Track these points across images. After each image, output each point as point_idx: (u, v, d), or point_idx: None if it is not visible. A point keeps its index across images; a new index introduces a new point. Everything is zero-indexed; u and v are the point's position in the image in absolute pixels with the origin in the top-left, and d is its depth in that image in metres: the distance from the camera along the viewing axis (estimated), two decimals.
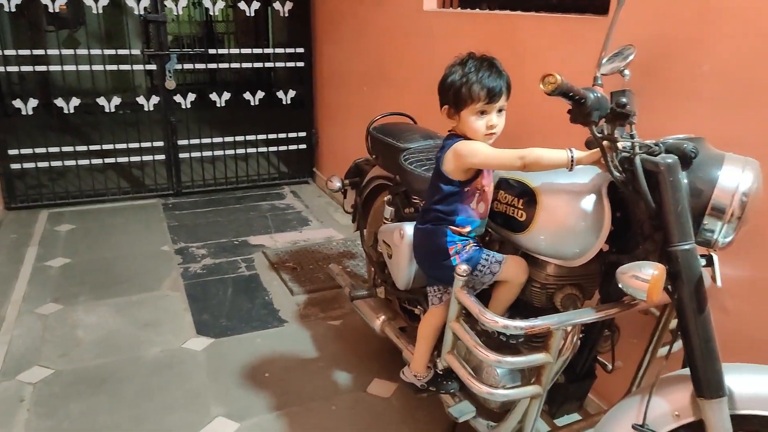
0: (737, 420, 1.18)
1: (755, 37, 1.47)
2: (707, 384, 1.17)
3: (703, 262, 1.21)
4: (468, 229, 1.55)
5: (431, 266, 1.66)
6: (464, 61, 1.48)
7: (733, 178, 1.20)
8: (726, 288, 1.52)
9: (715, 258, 1.25)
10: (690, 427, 1.22)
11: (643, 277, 1.14)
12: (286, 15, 4.51)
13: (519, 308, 1.59)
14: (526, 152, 1.37)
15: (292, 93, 4.66)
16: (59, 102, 4.05)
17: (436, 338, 1.76)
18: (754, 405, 1.17)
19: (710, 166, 1.22)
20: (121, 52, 4.14)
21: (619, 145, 1.23)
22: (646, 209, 1.23)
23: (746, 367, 1.23)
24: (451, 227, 1.55)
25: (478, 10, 2.67)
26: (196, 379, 2.34)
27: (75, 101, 4.08)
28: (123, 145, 4.29)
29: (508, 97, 1.47)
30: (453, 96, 1.46)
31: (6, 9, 3.80)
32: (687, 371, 1.22)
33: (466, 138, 1.48)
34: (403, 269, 1.89)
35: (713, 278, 1.26)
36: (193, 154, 4.50)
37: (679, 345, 1.40)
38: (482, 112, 1.45)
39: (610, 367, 1.69)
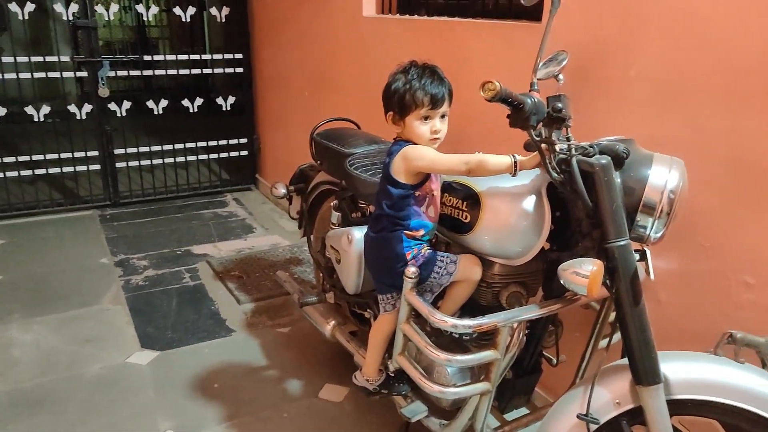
0: (673, 405, 1.25)
1: (677, 42, 1.57)
2: (644, 372, 1.24)
3: (637, 256, 1.27)
4: (422, 232, 1.57)
5: (387, 274, 1.64)
6: (407, 68, 1.51)
7: (661, 177, 1.27)
8: (659, 280, 1.62)
9: (648, 252, 1.33)
10: (630, 414, 1.29)
11: (583, 273, 1.19)
12: (223, 20, 4.45)
13: (466, 307, 1.63)
14: (471, 158, 1.41)
15: (231, 99, 4.60)
16: None
17: (387, 343, 1.78)
18: (687, 390, 1.24)
19: (641, 166, 1.29)
20: (49, 59, 3.98)
21: (557, 147, 1.29)
22: (584, 208, 1.29)
23: (679, 354, 1.31)
24: (406, 232, 1.56)
25: (416, 16, 2.72)
26: (143, 394, 2.27)
27: (1, 110, 3.89)
28: (54, 156, 4.11)
29: (450, 103, 1.51)
30: (397, 103, 1.49)
31: None
32: (626, 361, 1.28)
33: (413, 143, 1.51)
34: (353, 274, 1.90)
35: (647, 272, 1.34)
36: (131, 163, 4.37)
37: (618, 337, 1.48)
38: (426, 118, 1.49)
39: (555, 361, 1.75)
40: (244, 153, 4.75)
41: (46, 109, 4.01)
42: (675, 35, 1.57)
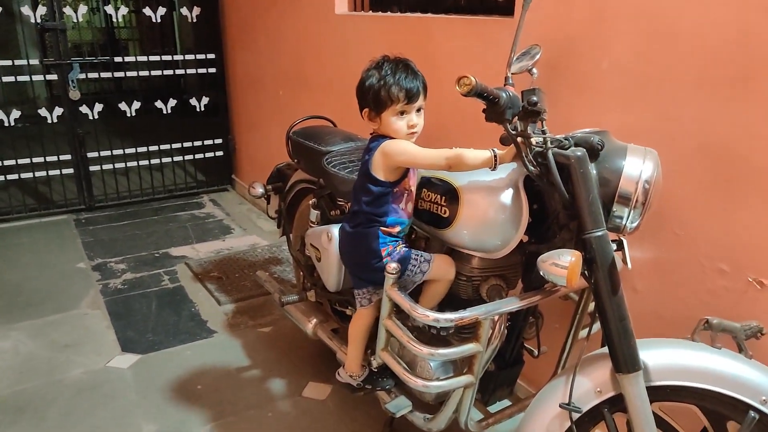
0: (653, 391, 1.27)
1: (647, 34, 1.60)
2: (624, 360, 1.26)
3: (614, 246, 1.29)
4: (398, 229, 1.58)
5: (362, 269, 1.66)
6: (380, 64, 1.51)
7: (636, 168, 1.29)
8: (635, 270, 1.65)
9: (625, 242, 1.35)
10: (611, 402, 1.31)
11: (561, 264, 1.21)
12: (194, 20, 4.40)
13: (447, 302, 1.64)
14: (451, 153, 1.41)
15: (205, 100, 4.55)
16: None
17: (366, 338, 1.79)
18: (666, 376, 1.27)
19: (615, 157, 1.31)
20: (17, 62, 3.90)
21: (533, 140, 1.30)
22: (561, 200, 1.31)
23: (658, 341, 1.33)
24: (382, 228, 1.57)
25: (389, 12, 2.72)
26: (125, 398, 2.25)
27: None
28: (26, 160, 4.03)
29: (426, 97, 1.52)
30: (372, 99, 1.49)
31: None
32: (606, 350, 1.30)
33: (390, 138, 1.52)
34: (333, 271, 1.90)
35: (624, 261, 1.36)
36: (105, 167, 4.30)
37: (597, 326, 1.50)
38: (402, 113, 1.49)
39: (536, 352, 1.77)
40: (220, 153, 4.71)
41: (16, 114, 3.94)
42: (645, 27, 1.60)
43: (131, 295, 3.04)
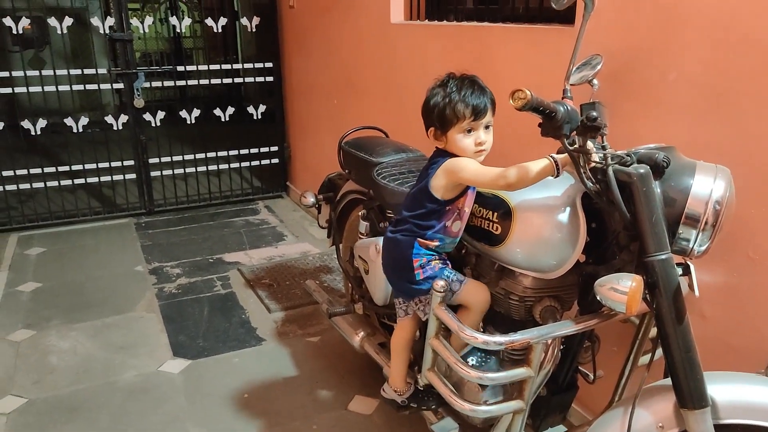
0: (721, 429, 1.17)
1: (719, 43, 1.49)
2: (690, 394, 1.16)
3: (679, 271, 1.20)
4: (436, 243, 1.54)
5: (394, 276, 1.65)
6: (445, 81, 1.47)
7: (705, 187, 1.20)
8: (703, 294, 1.53)
9: (692, 267, 1.26)
10: None
11: (621, 290, 1.13)
12: (254, 30, 4.48)
13: (498, 322, 1.58)
14: (511, 170, 1.32)
15: (262, 107, 4.62)
16: (26, 123, 3.97)
17: (409, 351, 1.76)
18: (736, 414, 1.17)
19: (683, 175, 1.22)
20: (87, 71, 4.07)
21: (592, 156, 1.22)
22: (621, 220, 1.23)
23: (728, 375, 1.23)
24: (420, 240, 1.55)
25: (445, 21, 2.67)
26: (174, 403, 2.28)
27: (42, 122, 4.00)
28: (92, 165, 4.20)
29: (494, 113, 1.46)
30: (437, 117, 1.45)
31: None
32: (669, 381, 1.21)
33: (455, 156, 1.47)
34: (380, 284, 1.87)
35: (691, 287, 1.27)
36: (165, 172, 4.43)
37: (660, 353, 1.40)
38: (469, 130, 1.44)
39: (591, 377, 1.68)
40: (275, 161, 4.78)
41: (84, 120, 4.11)
42: (716, 36, 1.49)
43: (184, 300, 3.09)
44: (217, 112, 4.47)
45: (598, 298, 1.18)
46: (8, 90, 3.88)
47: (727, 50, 1.47)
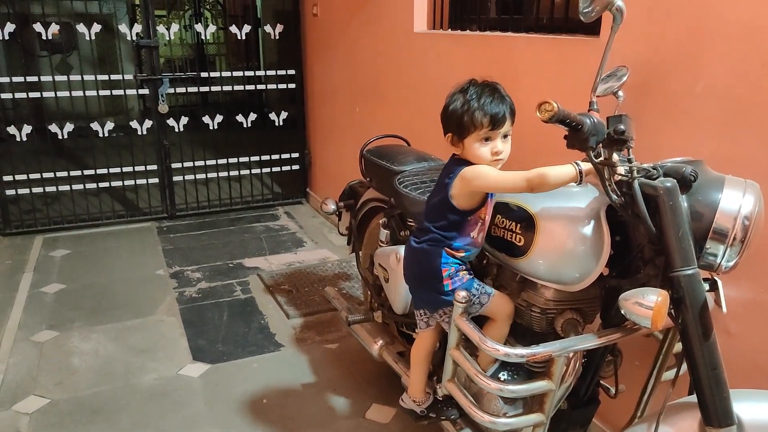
0: None
1: (749, 56, 1.47)
2: (715, 412, 1.14)
3: (706, 286, 1.19)
4: (462, 253, 1.54)
5: (421, 288, 1.64)
6: (465, 88, 1.45)
7: (734, 201, 1.18)
8: (729, 310, 1.51)
9: (720, 282, 1.24)
10: None
11: (646, 304, 1.11)
12: (277, 37, 4.52)
13: (519, 334, 1.56)
14: (532, 173, 1.33)
15: (284, 114, 4.66)
16: (53, 127, 4.04)
17: (429, 362, 1.76)
18: None
19: (710, 189, 1.20)
20: (114, 77, 4.15)
21: (618, 169, 1.21)
22: (647, 233, 1.22)
23: (755, 393, 1.21)
24: (447, 249, 1.53)
25: (468, 31, 2.67)
26: (193, 407, 2.30)
27: (69, 126, 4.07)
28: (117, 169, 4.26)
29: (513, 122, 1.45)
30: (455, 124, 1.44)
31: (0, 37, 3.79)
32: (694, 398, 1.19)
33: (471, 163, 1.46)
34: (400, 293, 1.87)
35: (718, 303, 1.25)
36: (187, 177, 4.48)
37: (684, 369, 1.38)
38: (486, 139, 1.43)
39: (613, 391, 1.66)
40: (296, 167, 4.81)
41: (110, 125, 4.18)
42: (744, 48, 1.47)
43: (205, 304, 3.12)
44: (239, 118, 4.51)
45: (622, 312, 1.17)
46: (37, 94, 3.96)
47: (755, 63, 1.45)
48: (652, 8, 1.70)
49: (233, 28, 4.41)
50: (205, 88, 4.47)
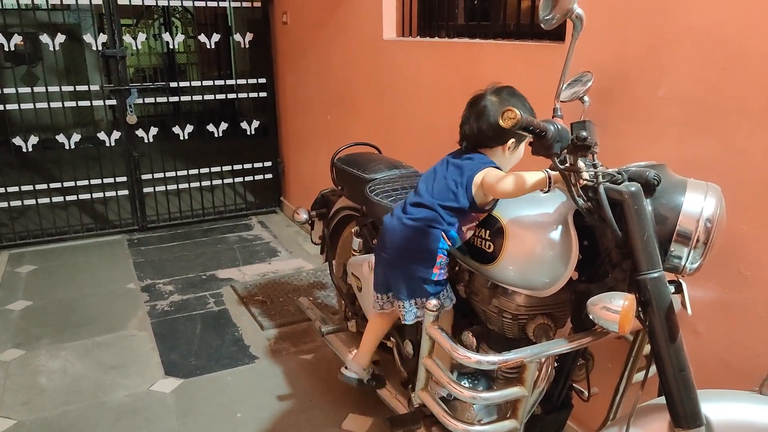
0: None
1: (708, 60, 1.50)
2: (684, 414, 1.15)
3: (672, 289, 1.20)
4: (449, 245, 1.52)
5: (405, 269, 1.54)
6: (516, 94, 1.52)
7: (696, 204, 1.20)
8: (696, 309, 1.52)
9: (684, 285, 1.25)
10: None
11: (613, 309, 1.12)
12: (247, 46, 4.49)
13: (492, 340, 1.56)
14: (506, 179, 1.37)
15: (256, 123, 4.62)
16: (17, 140, 3.95)
17: (378, 341, 1.85)
18: None
19: (673, 193, 1.22)
20: (80, 88, 4.07)
21: (584, 175, 1.22)
22: (613, 237, 1.23)
23: (722, 393, 1.22)
24: (444, 235, 1.49)
25: (437, 38, 2.68)
26: (165, 423, 2.25)
27: (33, 139, 3.98)
28: (85, 182, 4.18)
29: None
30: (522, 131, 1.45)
31: None
32: (663, 400, 1.20)
33: (490, 161, 1.49)
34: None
35: (684, 305, 1.26)
36: (158, 188, 4.42)
37: (654, 371, 1.39)
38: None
39: (586, 394, 1.67)
40: (269, 176, 4.77)
41: (77, 137, 4.10)
42: (706, 53, 1.50)
43: (177, 318, 3.07)
44: (211, 127, 4.46)
45: (590, 317, 1.17)
46: (0, 107, 3.87)
47: (716, 66, 1.48)
48: (614, 15, 1.72)
49: (202, 37, 4.37)
50: (175, 98, 4.41)
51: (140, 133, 4.23)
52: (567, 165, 1.22)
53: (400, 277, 1.56)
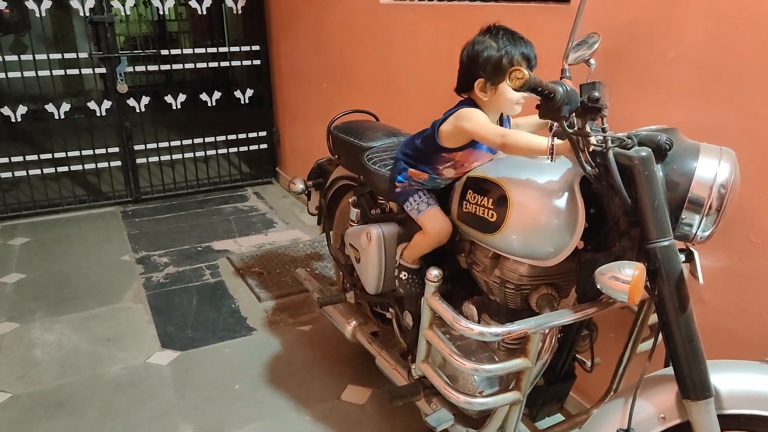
0: (725, 420, 1.14)
1: (722, 22, 1.43)
2: (693, 385, 1.13)
3: (682, 257, 1.16)
4: (425, 177, 1.61)
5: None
6: (494, 33, 1.45)
7: (710, 170, 1.15)
8: (704, 279, 1.49)
9: (696, 253, 1.21)
10: (676, 429, 1.18)
11: (623, 278, 1.08)
12: (240, 12, 4.36)
13: (494, 311, 1.53)
14: (507, 131, 1.37)
15: (250, 92, 4.53)
16: (5, 110, 3.85)
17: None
18: (741, 404, 1.13)
19: (686, 158, 1.17)
20: (68, 55, 3.95)
21: (591, 139, 1.17)
22: (622, 205, 1.18)
23: (732, 364, 1.19)
24: (410, 170, 1.62)
25: (435, 1, 2.60)
26: (163, 396, 2.23)
27: (22, 109, 3.88)
28: (76, 152, 4.10)
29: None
30: (492, 68, 1.42)
31: None
32: (670, 371, 1.17)
33: (476, 107, 1.47)
34: (372, 273, 1.82)
35: (694, 274, 1.22)
36: (151, 159, 4.34)
37: (660, 341, 1.36)
38: None
39: (589, 365, 1.64)
40: (264, 146, 4.69)
41: (66, 107, 4.00)
42: (718, 12, 1.44)
43: (173, 290, 3.03)
44: (204, 96, 4.37)
45: (598, 287, 1.14)
46: None
47: (729, 27, 1.42)
48: None
49: (194, 2, 4.24)
50: (167, 67, 4.30)
51: (132, 102, 4.13)
52: (575, 129, 1.17)
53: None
